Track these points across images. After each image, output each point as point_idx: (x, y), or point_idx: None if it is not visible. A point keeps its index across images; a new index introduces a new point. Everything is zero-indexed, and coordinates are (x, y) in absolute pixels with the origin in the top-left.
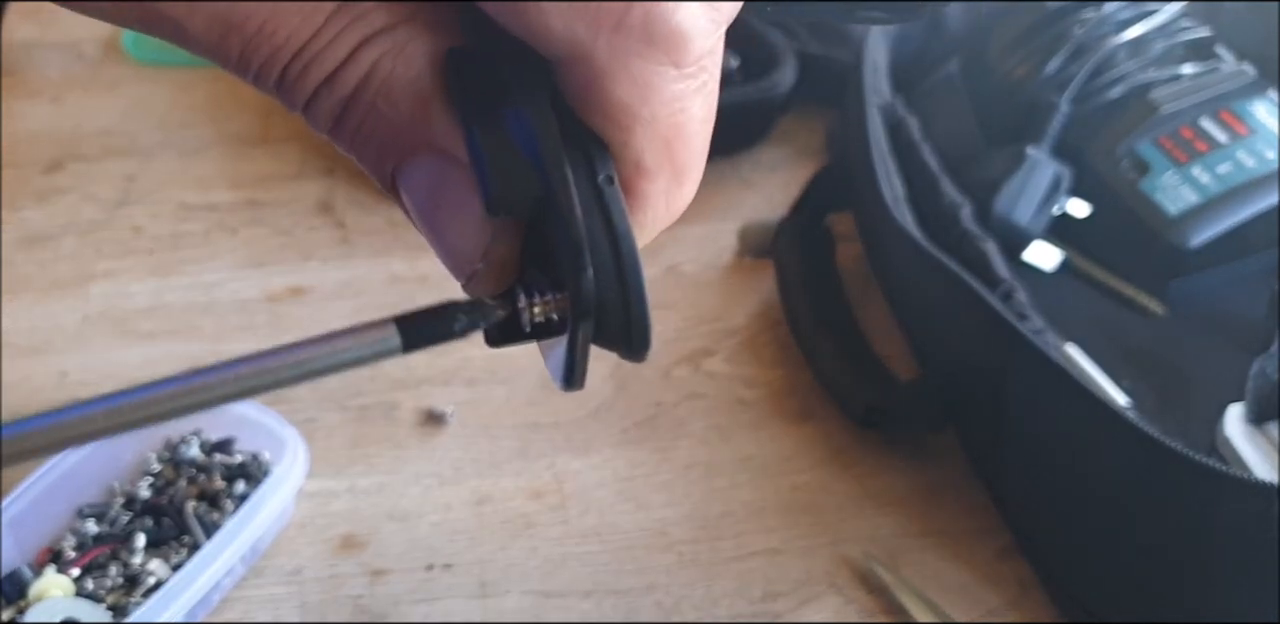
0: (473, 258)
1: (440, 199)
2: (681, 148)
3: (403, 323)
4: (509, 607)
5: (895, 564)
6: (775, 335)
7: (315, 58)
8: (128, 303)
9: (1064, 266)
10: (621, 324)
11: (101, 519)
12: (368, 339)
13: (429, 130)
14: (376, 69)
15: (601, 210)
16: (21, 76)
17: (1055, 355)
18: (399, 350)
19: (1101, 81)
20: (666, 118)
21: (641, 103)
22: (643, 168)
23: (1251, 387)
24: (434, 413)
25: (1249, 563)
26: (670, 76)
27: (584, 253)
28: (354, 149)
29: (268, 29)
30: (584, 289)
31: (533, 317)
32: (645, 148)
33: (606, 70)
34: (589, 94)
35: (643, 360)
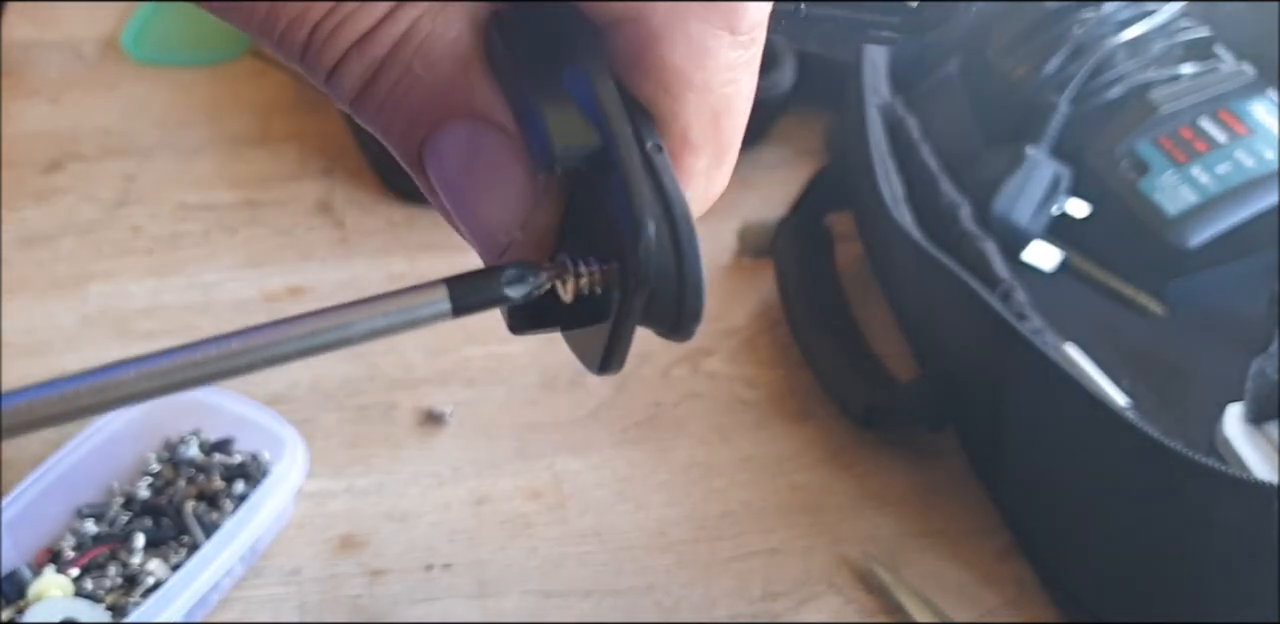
0: (510, 228)
1: (476, 167)
2: (728, 123)
3: (453, 285)
4: (508, 607)
5: (894, 564)
6: (775, 335)
7: (349, 16)
8: (127, 303)
9: (1063, 266)
10: (672, 297)
11: (101, 519)
12: (417, 301)
13: (469, 94)
14: (416, 29)
15: (652, 177)
16: (20, 76)
17: (1054, 355)
18: (449, 314)
19: (1101, 81)
20: (719, 87)
21: (696, 68)
22: (689, 141)
23: (1251, 386)
24: (433, 413)
25: (1248, 563)
26: (726, 42)
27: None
28: (380, 117)
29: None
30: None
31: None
32: (694, 119)
33: (662, 33)
34: (642, 58)
35: (689, 337)
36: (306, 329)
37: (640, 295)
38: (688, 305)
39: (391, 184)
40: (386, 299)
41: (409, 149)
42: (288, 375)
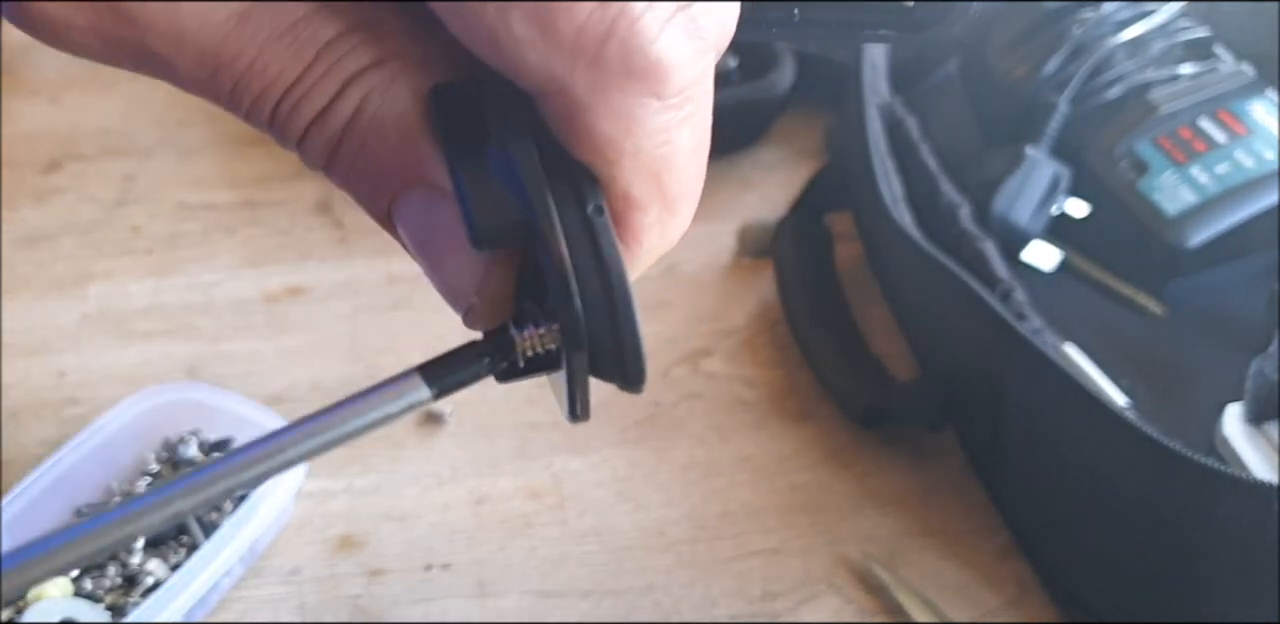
0: (468, 292)
1: (434, 233)
2: (671, 179)
3: (427, 371)
4: (507, 607)
5: (894, 564)
6: (774, 335)
7: (306, 95)
8: (126, 303)
9: (1062, 266)
10: (614, 354)
11: None
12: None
13: (419, 165)
14: (365, 105)
15: (590, 240)
16: (20, 76)
17: (1054, 355)
18: (430, 399)
19: (1100, 81)
20: (652, 150)
21: (624, 135)
22: (632, 200)
23: (1250, 386)
24: (432, 413)
25: (1248, 563)
26: (653, 108)
27: (570, 281)
28: (348, 185)
29: (258, 66)
30: (573, 318)
31: (525, 350)
32: (633, 181)
33: (587, 104)
34: (571, 127)
35: (640, 392)
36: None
37: (577, 357)
38: (630, 364)
39: None
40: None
41: (378, 212)
42: (287, 375)
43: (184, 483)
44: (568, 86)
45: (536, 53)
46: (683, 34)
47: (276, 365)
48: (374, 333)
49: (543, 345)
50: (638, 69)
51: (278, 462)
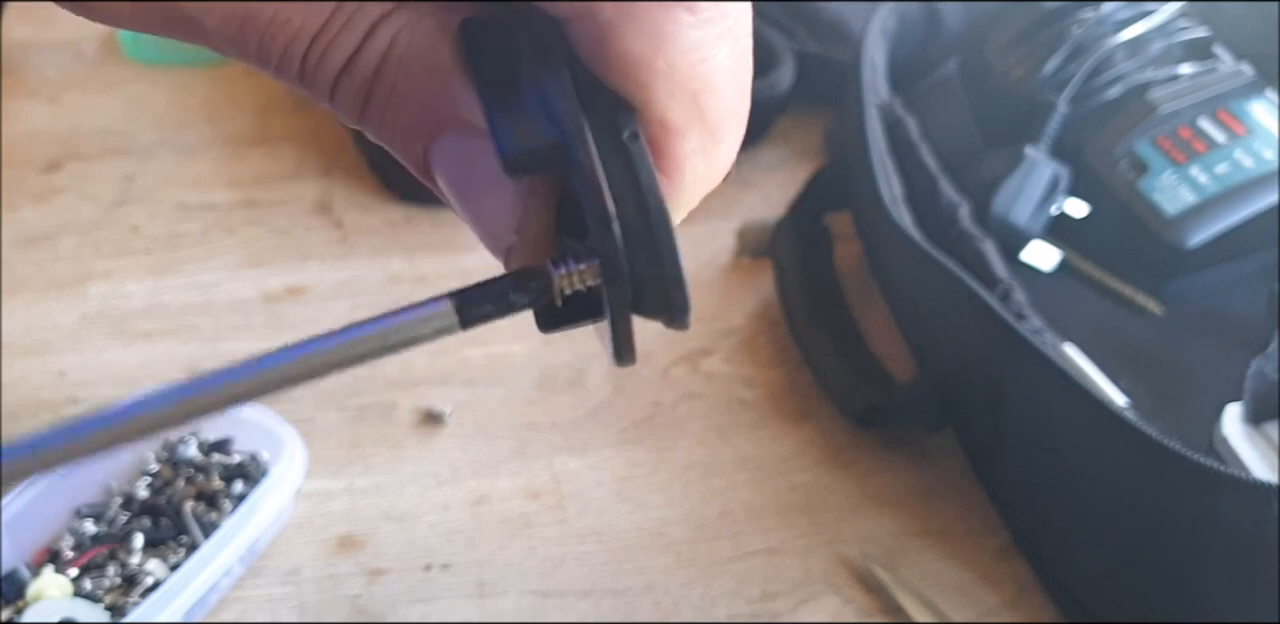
0: (506, 232)
1: (470, 175)
2: (711, 100)
3: (459, 298)
4: (507, 607)
5: (893, 564)
6: (773, 335)
7: (332, 42)
8: (126, 303)
9: (1062, 266)
10: (657, 288)
11: (99, 519)
12: (424, 316)
13: (452, 104)
14: (393, 46)
15: (626, 166)
16: (20, 76)
17: (1053, 355)
18: (457, 327)
19: (1100, 81)
20: (687, 68)
21: (655, 53)
22: (669, 126)
23: (1249, 387)
24: (432, 413)
25: (1247, 563)
26: (686, 23)
27: (609, 211)
28: (384, 135)
29: (281, 16)
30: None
31: (563, 287)
32: (669, 104)
33: (614, 23)
34: (602, 51)
35: (686, 326)
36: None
37: (618, 290)
38: (674, 298)
39: (390, 184)
40: (394, 316)
41: (415, 161)
42: None
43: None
44: (595, 9)
45: None
46: None
47: None
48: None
49: (581, 281)
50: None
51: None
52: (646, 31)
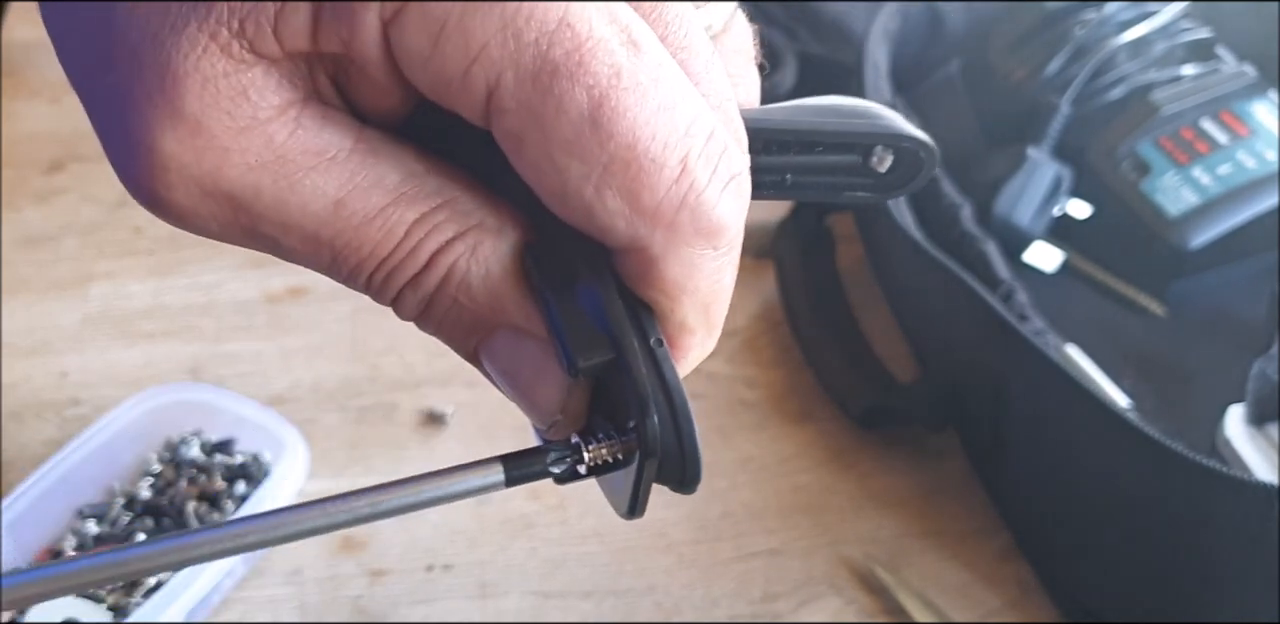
0: (553, 411)
1: (519, 367)
2: (716, 309)
3: (507, 462)
4: (508, 607)
5: (895, 565)
6: (775, 336)
7: (398, 266)
8: (127, 303)
9: (1064, 267)
10: (676, 464)
11: (102, 520)
12: (477, 476)
13: (505, 314)
14: (454, 271)
15: (656, 369)
16: (21, 77)
17: (1056, 356)
18: (502, 485)
19: (1102, 82)
20: (707, 288)
21: (688, 279)
22: (686, 328)
23: (1252, 388)
24: (434, 414)
25: (1249, 563)
26: (710, 256)
27: (650, 405)
28: (439, 333)
29: (353, 244)
30: (650, 433)
31: (593, 460)
32: (689, 313)
33: (661, 256)
34: (646, 275)
35: (692, 492)
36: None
37: (650, 466)
38: (689, 472)
39: None
40: (451, 474)
41: (466, 353)
42: (288, 376)
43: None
44: (648, 244)
45: (624, 220)
46: (734, 198)
47: (278, 366)
48: (375, 334)
49: (611, 455)
50: (703, 228)
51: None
52: (684, 263)
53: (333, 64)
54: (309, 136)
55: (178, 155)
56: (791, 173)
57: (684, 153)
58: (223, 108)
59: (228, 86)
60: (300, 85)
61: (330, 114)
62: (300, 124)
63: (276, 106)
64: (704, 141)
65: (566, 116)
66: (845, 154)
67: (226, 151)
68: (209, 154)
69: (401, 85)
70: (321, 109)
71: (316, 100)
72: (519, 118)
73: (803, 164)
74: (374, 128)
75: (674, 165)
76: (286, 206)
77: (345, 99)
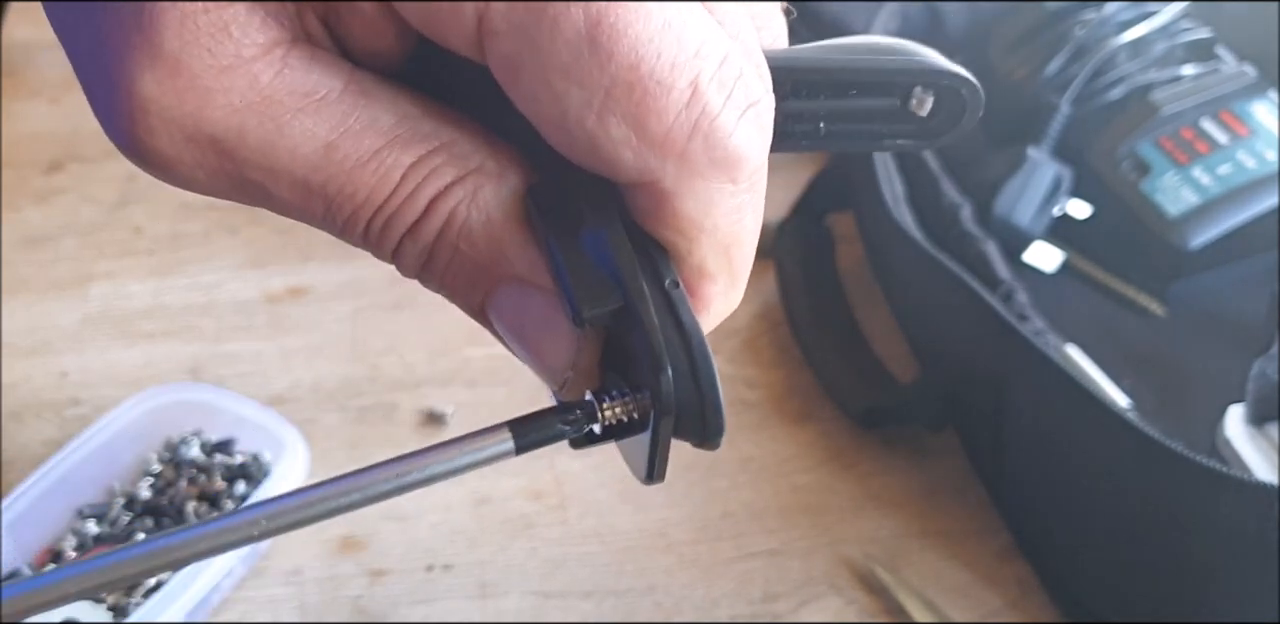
0: (564, 368)
1: (527, 321)
2: (738, 253)
3: (515, 427)
4: (509, 607)
5: (895, 565)
6: (775, 336)
7: (395, 213)
8: (127, 303)
9: (1064, 267)
10: (697, 417)
11: (102, 520)
12: (485, 444)
13: (509, 263)
14: (454, 217)
15: (672, 313)
16: (21, 77)
17: (1056, 356)
18: (513, 453)
19: (1102, 82)
20: (726, 228)
21: (705, 216)
22: (705, 272)
23: (1252, 388)
24: (434, 414)
25: (1249, 563)
26: (729, 192)
27: (663, 357)
28: (443, 288)
29: (347, 190)
30: (665, 389)
31: (607, 419)
32: (708, 255)
33: (674, 190)
34: (659, 210)
35: (716, 447)
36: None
37: (666, 424)
38: (710, 424)
39: None
40: (458, 444)
41: (472, 309)
42: (289, 376)
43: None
44: (658, 177)
45: (631, 150)
46: (754, 127)
47: (278, 366)
48: (375, 333)
49: (626, 413)
50: (719, 159)
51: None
52: (699, 198)
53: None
54: (297, 77)
55: (157, 97)
56: (825, 121)
57: (694, 75)
58: (203, 45)
59: (208, 22)
60: (288, 25)
61: (320, 55)
62: (287, 64)
63: (261, 45)
64: (716, 64)
65: (562, 36)
66: (882, 97)
67: (209, 92)
68: (190, 95)
69: (393, 21)
70: (310, 50)
71: (306, 41)
72: (512, 42)
73: (836, 110)
74: (367, 70)
75: (683, 88)
76: (274, 150)
77: (338, 42)
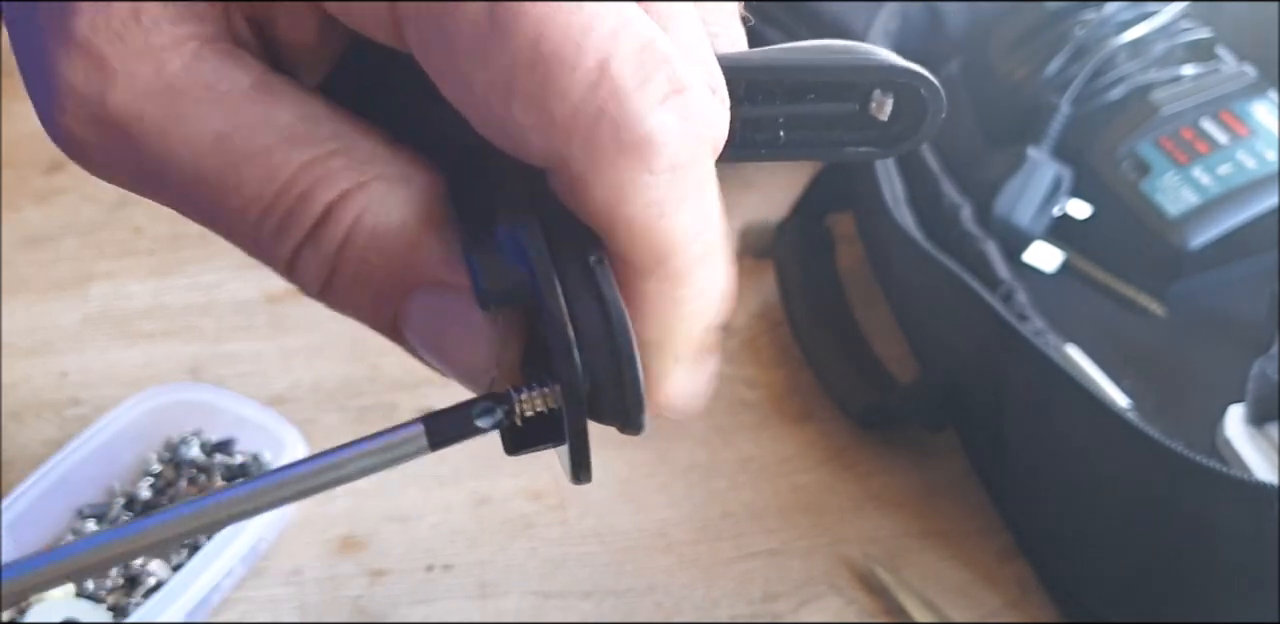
0: (488, 368)
1: (445, 326)
2: (670, 251)
3: (429, 422)
4: (508, 607)
5: (895, 565)
6: (775, 336)
7: (287, 215)
8: (128, 303)
9: (1064, 267)
10: (616, 398)
11: (102, 519)
12: (398, 442)
13: (423, 267)
14: (359, 226)
15: (590, 285)
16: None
17: (1055, 356)
18: (426, 450)
19: (1102, 82)
20: (646, 221)
21: (618, 205)
22: (632, 265)
23: (1252, 388)
24: None
25: (1249, 563)
26: (644, 182)
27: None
28: (350, 304)
29: (232, 181)
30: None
31: (524, 410)
32: (630, 247)
33: (584, 176)
34: (573, 196)
35: (639, 433)
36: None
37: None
38: (630, 407)
39: None
40: (370, 442)
41: (382, 325)
42: (289, 376)
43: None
44: (567, 161)
45: (538, 134)
46: (673, 115)
47: (278, 366)
48: (375, 333)
49: (543, 404)
50: (627, 144)
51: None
52: (610, 185)
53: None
54: (205, 69)
55: (69, 77)
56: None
57: (603, 55)
58: (113, 30)
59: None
60: (209, 21)
61: (237, 53)
62: (199, 56)
63: (175, 37)
64: (635, 48)
65: (464, 15)
66: (840, 101)
67: (115, 74)
68: (97, 76)
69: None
70: (228, 48)
71: (227, 40)
72: (421, 26)
73: (795, 115)
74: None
75: (589, 68)
76: (168, 137)
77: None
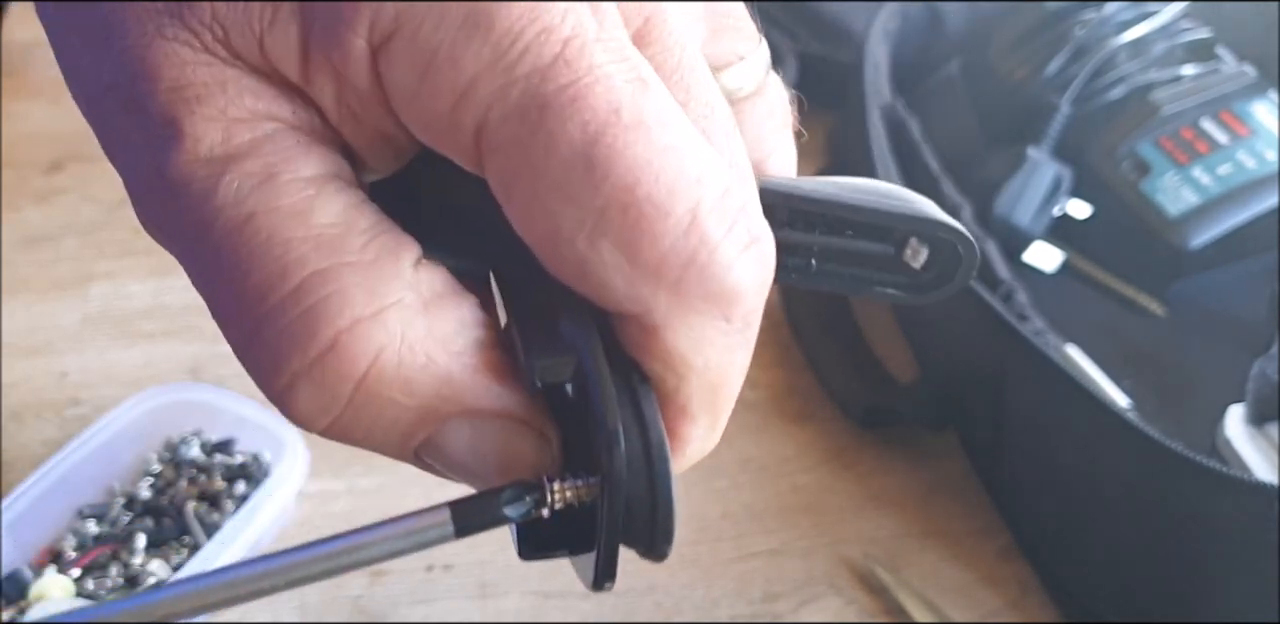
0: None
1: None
2: (724, 395)
3: (456, 508)
4: (508, 607)
5: (895, 565)
6: (776, 336)
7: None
8: (128, 303)
9: (1064, 267)
10: (647, 513)
11: (102, 519)
12: (424, 526)
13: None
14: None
15: (633, 403)
16: (21, 77)
17: (1056, 356)
18: (452, 536)
19: (1102, 82)
20: (716, 368)
21: (696, 353)
22: (688, 412)
23: (1252, 388)
24: None
25: (1249, 563)
26: (722, 330)
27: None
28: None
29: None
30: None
31: (557, 500)
32: (694, 394)
33: (665, 324)
34: (648, 344)
35: (663, 559)
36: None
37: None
38: (660, 526)
39: None
40: (395, 525)
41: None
42: None
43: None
44: (649, 307)
45: (623, 277)
46: (754, 264)
47: None
48: None
49: (575, 496)
50: (714, 293)
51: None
52: (692, 333)
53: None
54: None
55: None
56: (818, 258)
57: (694, 202)
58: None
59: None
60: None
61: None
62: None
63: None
64: (719, 193)
65: (557, 154)
66: (877, 242)
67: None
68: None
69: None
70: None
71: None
72: (508, 158)
73: (830, 248)
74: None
75: (681, 214)
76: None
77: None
